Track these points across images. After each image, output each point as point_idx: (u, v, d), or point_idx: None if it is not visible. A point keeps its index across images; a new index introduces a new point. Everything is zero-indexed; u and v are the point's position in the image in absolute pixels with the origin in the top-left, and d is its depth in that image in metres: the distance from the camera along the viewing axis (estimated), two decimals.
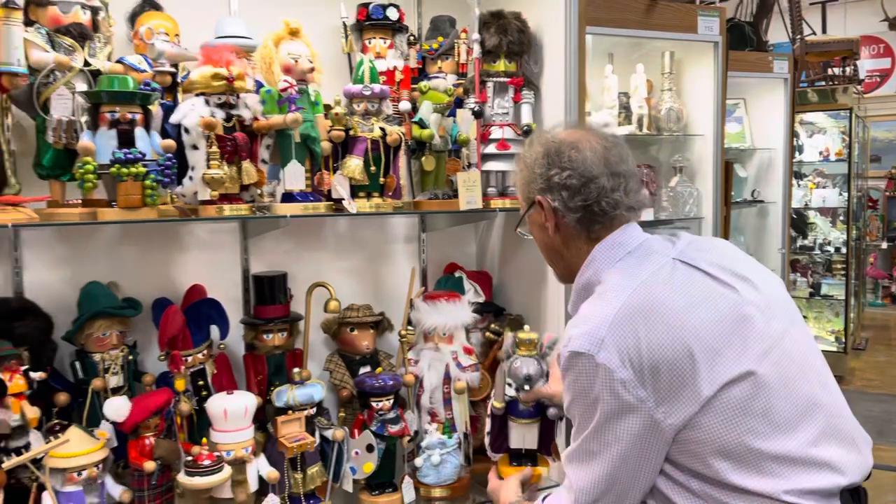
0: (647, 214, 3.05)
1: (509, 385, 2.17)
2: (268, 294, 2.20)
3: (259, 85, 2.04)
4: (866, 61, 9.39)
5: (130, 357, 2.04)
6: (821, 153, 6.61)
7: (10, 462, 1.66)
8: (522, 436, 2.18)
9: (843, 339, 6.28)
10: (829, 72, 6.52)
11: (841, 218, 6.74)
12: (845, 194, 6.52)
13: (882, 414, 5.23)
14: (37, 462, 1.72)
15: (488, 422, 2.20)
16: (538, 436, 2.17)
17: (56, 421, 1.90)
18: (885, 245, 8.96)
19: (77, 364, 1.98)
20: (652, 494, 1.35)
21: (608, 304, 1.32)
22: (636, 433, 1.28)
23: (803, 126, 6.65)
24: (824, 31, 6.95)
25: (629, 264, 1.41)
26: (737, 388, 1.26)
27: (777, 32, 5.69)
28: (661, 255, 1.41)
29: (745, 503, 1.24)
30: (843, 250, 6.52)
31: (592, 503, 1.35)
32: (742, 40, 4.35)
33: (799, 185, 6.66)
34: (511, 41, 2.23)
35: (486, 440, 2.21)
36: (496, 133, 2.30)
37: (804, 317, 6.44)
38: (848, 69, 6.39)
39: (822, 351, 1.43)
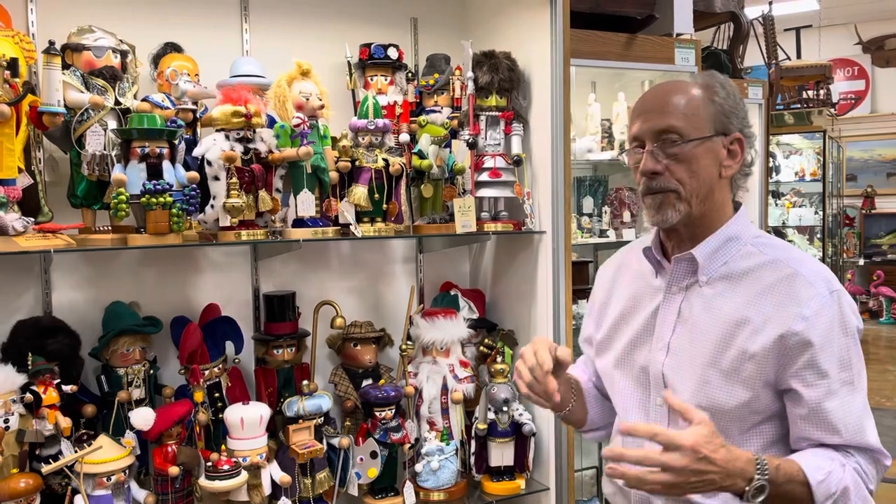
0: (630, 234, 3.23)
1: (489, 409, 2.38)
2: (277, 312, 2.34)
3: (272, 120, 2.20)
4: (841, 83, 9.66)
5: (151, 371, 2.18)
6: (796, 173, 6.82)
7: (50, 467, 1.80)
8: (501, 454, 2.41)
9: None
10: (804, 95, 6.76)
11: (818, 235, 6.93)
12: (821, 213, 6.72)
13: None
14: (70, 468, 1.86)
15: (472, 443, 2.40)
16: (514, 453, 2.40)
17: (84, 431, 2.03)
18: (861, 262, 9.16)
19: (103, 378, 2.11)
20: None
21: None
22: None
23: (780, 147, 6.85)
24: (799, 55, 7.14)
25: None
26: None
27: (753, 56, 5.86)
28: None
29: None
30: None
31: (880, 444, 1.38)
32: (718, 67, 4.51)
33: (777, 204, 6.86)
34: (502, 79, 2.41)
35: (471, 460, 2.41)
36: (488, 162, 2.47)
37: None
38: (821, 93, 6.64)
39: None
